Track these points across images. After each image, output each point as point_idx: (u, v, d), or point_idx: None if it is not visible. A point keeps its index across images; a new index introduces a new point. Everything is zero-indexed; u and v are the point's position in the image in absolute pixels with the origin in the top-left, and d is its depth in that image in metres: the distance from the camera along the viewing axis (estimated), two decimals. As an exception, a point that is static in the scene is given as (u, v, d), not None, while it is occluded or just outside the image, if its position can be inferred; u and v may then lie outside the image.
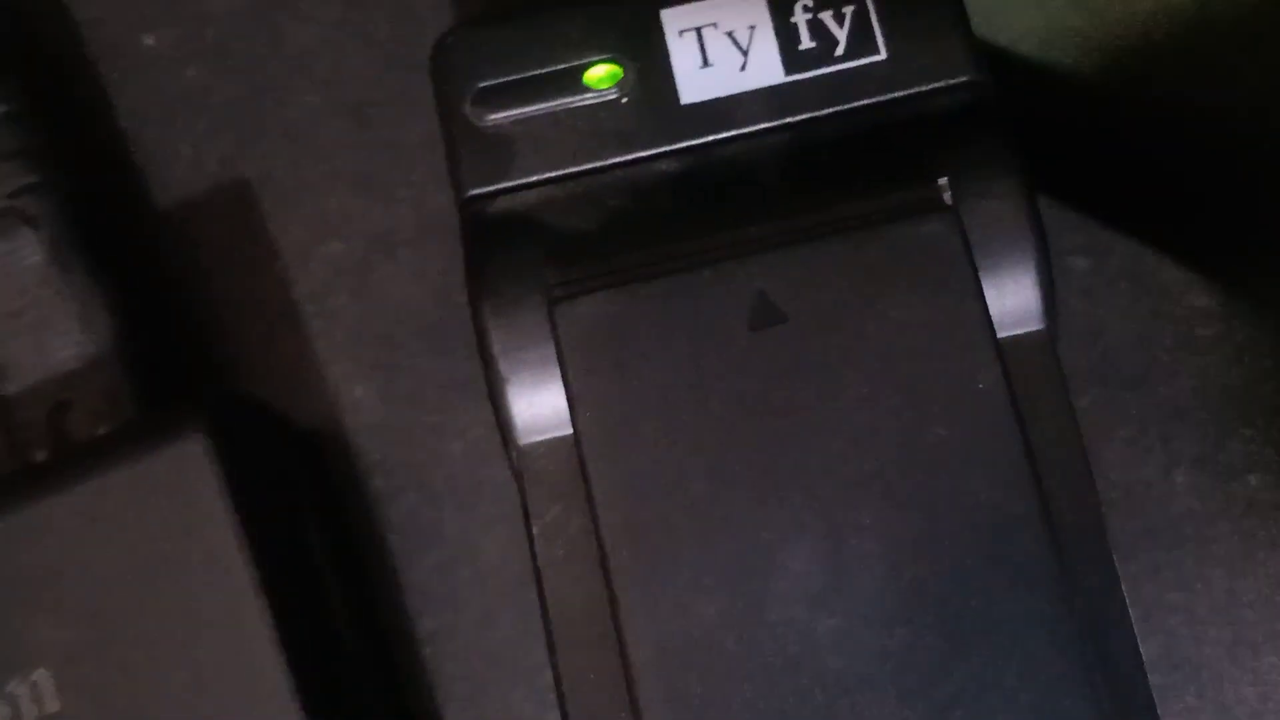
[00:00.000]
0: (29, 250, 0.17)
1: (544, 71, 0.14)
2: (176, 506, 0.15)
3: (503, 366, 0.13)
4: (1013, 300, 0.13)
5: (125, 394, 0.17)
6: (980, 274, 0.13)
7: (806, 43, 0.14)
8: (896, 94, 0.13)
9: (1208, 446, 0.18)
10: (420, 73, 0.16)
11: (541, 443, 0.13)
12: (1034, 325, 0.13)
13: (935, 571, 0.12)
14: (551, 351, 0.13)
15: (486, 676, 0.17)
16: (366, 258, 0.19)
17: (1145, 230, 0.19)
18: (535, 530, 0.13)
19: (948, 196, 0.13)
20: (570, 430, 0.13)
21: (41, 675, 0.14)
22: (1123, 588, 0.13)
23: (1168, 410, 0.18)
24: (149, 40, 0.20)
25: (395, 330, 0.19)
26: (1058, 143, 0.20)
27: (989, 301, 0.13)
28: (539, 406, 0.13)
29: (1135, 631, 0.13)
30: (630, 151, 0.13)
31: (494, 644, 0.17)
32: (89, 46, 0.20)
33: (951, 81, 0.13)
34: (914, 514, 0.12)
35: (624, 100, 0.14)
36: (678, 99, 0.13)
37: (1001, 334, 0.13)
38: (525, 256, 0.13)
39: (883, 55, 0.13)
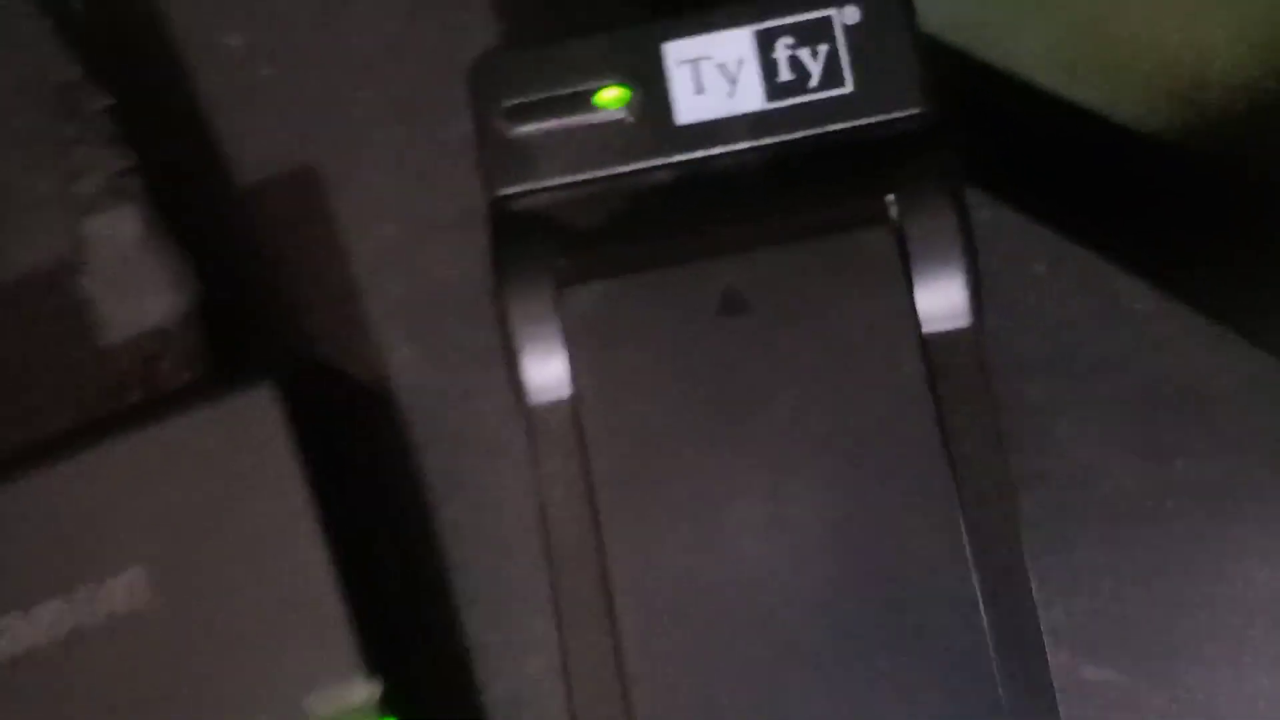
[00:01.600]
0: (129, 224, 0.19)
1: (563, 92, 0.16)
2: (249, 445, 0.17)
3: (517, 340, 0.16)
4: (943, 301, 0.15)
5: (206, 350, 0.19)
6: (915, 278, 0.15)
7: (785, 75, 0.16)
8: (858, 121, 0.16)
9: (1143, 433, 0.20)
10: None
11: (547, 404, 0.16)
12: (962, 322, 0.15)
13: (856, 524, 0.14)
14: (558, 329, 0.15)
15: (507, 602, 0.20)
16: (414, 239, 0.21)
17: (1101, 240, 0.21)
18: (540, 476, 0.16)
19: (894, 211, 0.15)
20: (571, 394, 0.16)
21: (136, 573, 0.17)
22: (1026, 562, 0.15)
23: (1110, 400, 0.20)
24: (231, 40, 0.22)
25: (437, 303, 0.21)
26: (1027, 156, 0.22)
27: (924, 301, 0.15)
28: (546, 374, 0.16)
29: (1035, 604, 0.15)
30: (632, 163, 0.16)
31: (512, 573, 0.20)
32: (178, 46, 0.22)
33: (906, 112, 0.16)
34: (843, 474, 0.14)
35: (629, 119, 0.16)
36: (674, 119, 0.16)
37: (932, 329, 0.15)
38: (540, 249, 0.16)
39: (849, 88, 0.16)
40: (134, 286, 0.19)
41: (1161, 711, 0.19)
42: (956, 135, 0.16)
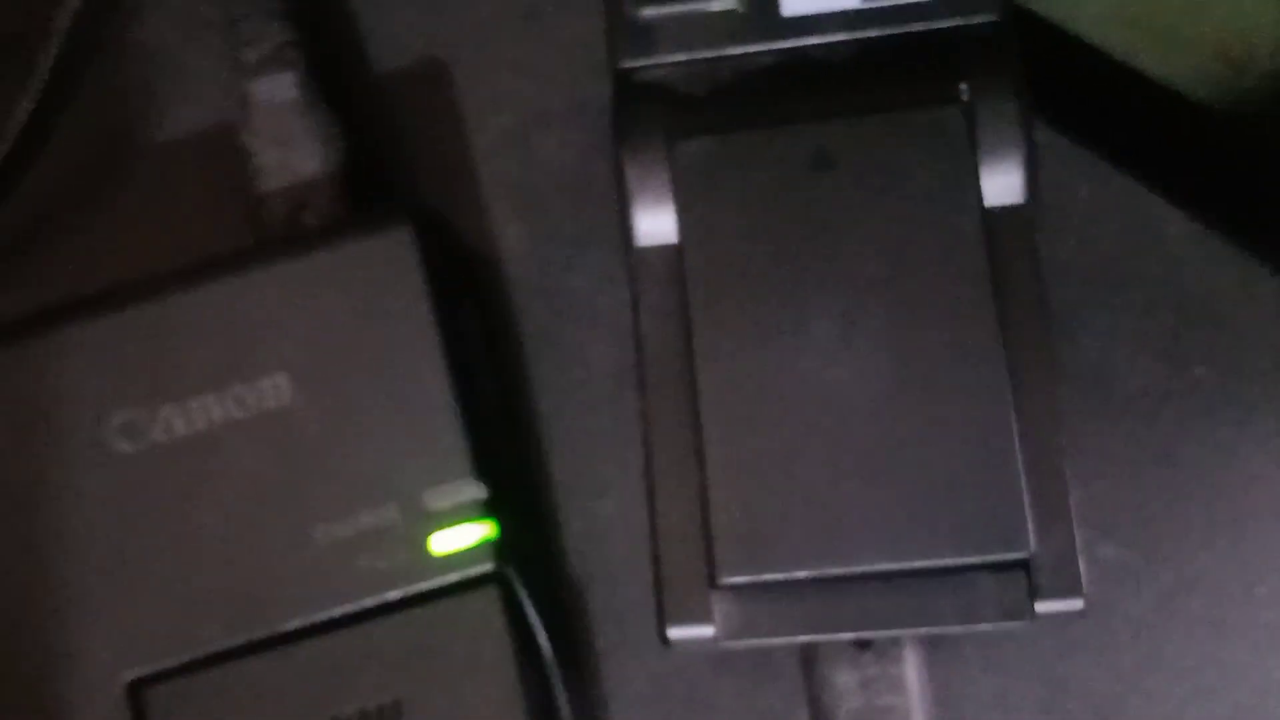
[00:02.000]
0: (286, 89, 0.22)
1: (685, -18, 0.19)
2: (386, 276, 0.20)
3: (631, 188, 0.18)
4: (1003, 178, 0.18)
5: (344, 204, 0.22)
6: (981, 155, 0.17)
7: (879, -21, 0.19)
8: (939, 23, 0.18)
9: (1164, 340, 0.22)
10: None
11: (653, 247, 0.18)
12: (1017, 199, 0.18)
13: (912, 354, 0.17)
14: (668, 179, 0.18)
15: (589, 450, 0.22)
16: (528, 128, 0.24)
17: (1145, 173, 0.23)
18: (641, 311, 0.18)
19: (965, 95, 0.18)
20: (675, 240, 0.18)
21: (281, 377, 0.20)
22: (1060, 407, 0.18)
23: (1137, 308, 0.22)
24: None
25: (544, 185, 0.24)
26: (1083, 92, 0.24)
27: (987, 175, 0.17)
28: (654, 218, 0.18)
29: (1064, 445, 0.17)
30: (741, 46, 0.19)
31: (596, 423, 0.22)
32: None
33: (980, 19, 0.18)
34: (905, 312, 0.17)
35: (740, 8, 0.19)
36: (780, 10, 0.19)
37: (991, 203, 0.18)
38: (655, 109, 0.18)
39: (934, -7, 0.18)
40: (288, 143, 0.22)
41: (1168, 587, 0.21)
42: (1021, 43, 0.18)
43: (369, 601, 0.19)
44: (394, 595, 0.19)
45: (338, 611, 0.19)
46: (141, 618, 0.19)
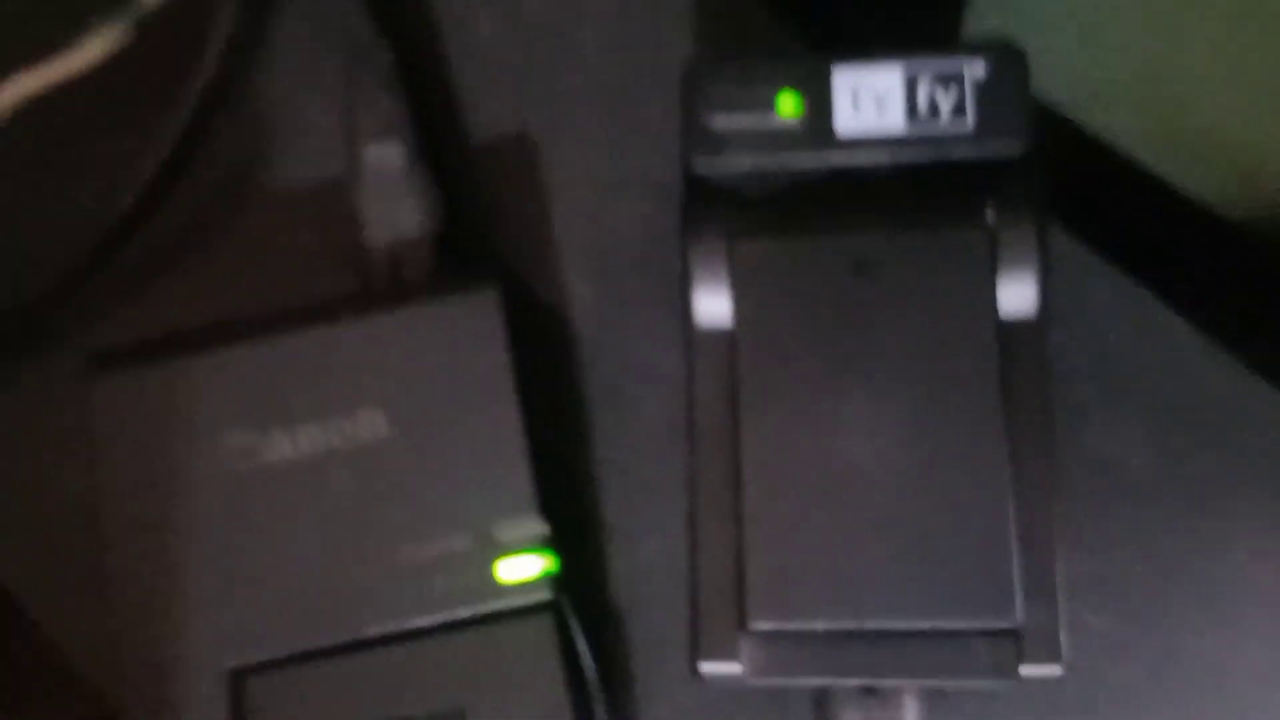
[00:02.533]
0: (395, 156, 0.25)
1: (752, 98, 0.21)
2: (472, 331, 0.23)
3: (694, 277, 0.21)
4: (1018, 295, 0.20)
5: (439, 260, 0.25)
6: (999, 273, 0.20)
7: (922, 107, 0.21)
8: (973, 154, 0.21)
9: (1160, 436, 0.24)
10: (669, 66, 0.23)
11: (711, 330, 0.21)
12: (1030, 314, 0.20)
13: (928, 441, 0.19)
14: (727, 272, 0.21)
15: (638, 496, 0.25)
16: (603, 200, 0.27)
17: (1157, 283, 0.25)
18: (695, 386, 0.21)
19: (990, 219, 0.20)
20: (730, 325, 0.21)
21: (377, 413, 0.23)
22: (1053, 505, 0.20)
23: (1143, 407, 0.24)
24: (481, 29, 0.28)
25: (615, 253, 0.26)
26: (1105, 205, 0.27)
27: (1004, 292, 0.20)
28: (713, 306, 0.21)
29: (1054, 542, 0.20)
30: (798, 158, 0.21)
31: (645, 472, 0.25)
32: (438, 28, 0.27)
33: (1010, 149, 0.21)
34: (924, 405, 0.20)
35: (800, 125, 0.21)
36: (835, 131, 0.21)
37: (1007, 316, 0.20)
38: (720, 209, 0.21)
39: (969, 126, 0.21)
40: (393, 204, 0.25)
41: (1152, 659, 0.23)
42: (1046, 174, 0.21)
43: (441, 617, 0.22)
44: (463, 614, 0.22)
45: (413, 624, 0.22)
46: (245, 616, 0.22)
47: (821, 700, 0.21)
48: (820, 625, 0.19)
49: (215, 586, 0.22)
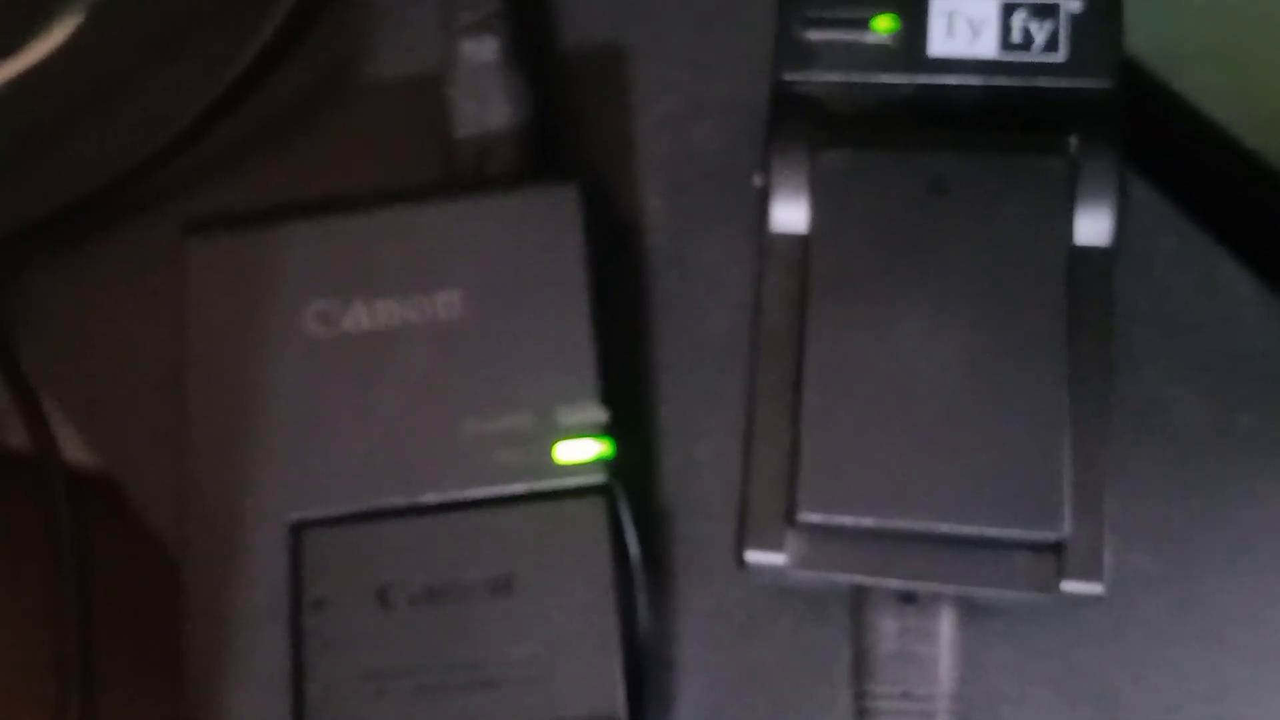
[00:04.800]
0: (490, 52, 0.26)
1: (848, 13, 0.22)
2: (551, 225, 0.23)
3: (774, 182, 0.22)
4: (1093, 223, 0.21)
5: (525, 158, 0.26)
6: (1078, 201, 0.20)
7: (1016, 37, 0.22)
8: (1063, 83, 0.21)
9: (1216, 387, 0.24)
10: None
11: (784, 234, 0.22)
12: (1103, 243, 0.21)
13: (989, 352, 0.20)
14: (806, 180, 0.21)
15: (694, 401, 0.25)
16: (685, 116, 0.27)
17: (1225, 234, 0.26)
18: (765, 288, 0.22)
19: (1073, 148, 0.21)
20: (804, 231, 0.21)
21: (455, 293, 0.23)
22: (1108, 425, 0.20)
23: (1198, 355, 0.25)
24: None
25: (691, 168, 0.27)
26: (1184, 156, 0.27)
27: (1080, 219, 0.20)
28: (790, 211, 0.21)
29: (1105, 464, 0.20)
30: (888, 76, 0.22)
31: (703, 379, 0.25)
32: None
33: (1097, 84, 0.21)
34: (988, 317, 0.20)
35: (893, 44, 0.22)
36: (927, 50, 0.22)
37: (1080, 242, 0.21)
38: (804, 120, 0.22)
39: (1060, 57, 0.21)
40: (484, 99, 0.25)
41: (1182, 599, 0.24)
42: (1129, 110, 0.21)
43: (498, 490, 0.23)
44: (519, 488, 0.23)
45: (471, 494, 0.23)
46: (311, 473, 0.23)
47: (858, 604, 0.22)
48: (867, 522, 0.20)
49: (285, 443, 0.23)
